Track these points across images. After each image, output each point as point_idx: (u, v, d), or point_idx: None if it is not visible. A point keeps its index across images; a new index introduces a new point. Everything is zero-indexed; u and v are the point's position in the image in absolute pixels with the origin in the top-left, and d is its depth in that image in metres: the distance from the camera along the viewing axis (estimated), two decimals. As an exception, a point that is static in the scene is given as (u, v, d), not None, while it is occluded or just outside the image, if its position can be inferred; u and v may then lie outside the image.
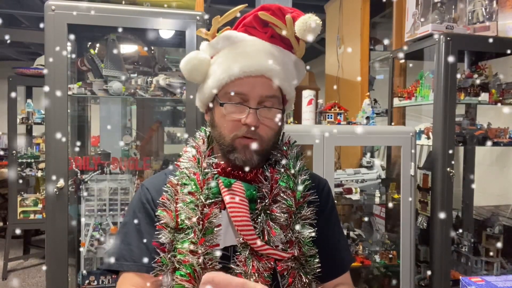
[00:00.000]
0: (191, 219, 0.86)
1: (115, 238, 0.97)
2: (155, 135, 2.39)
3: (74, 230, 1.84)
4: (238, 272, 0.86)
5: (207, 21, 1.72)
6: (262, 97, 0.90)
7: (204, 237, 0.86)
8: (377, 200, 2.19)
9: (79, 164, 1.79)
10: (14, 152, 3.56)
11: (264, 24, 0.95)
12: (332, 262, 0.99)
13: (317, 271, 0.91)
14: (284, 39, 0.96)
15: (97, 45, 1.96)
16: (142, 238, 0.92)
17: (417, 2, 2.28)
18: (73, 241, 1.84)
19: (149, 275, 0.89)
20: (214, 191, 0.91)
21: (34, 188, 3.95)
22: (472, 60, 2.39)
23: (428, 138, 2.15)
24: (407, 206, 1.91)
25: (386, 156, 2.54)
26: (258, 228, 0.89)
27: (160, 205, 0.91)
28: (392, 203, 2.13)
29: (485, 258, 2.18)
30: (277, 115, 0.93)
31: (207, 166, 0.93)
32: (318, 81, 3.77)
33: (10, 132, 3.57)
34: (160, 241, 0.88)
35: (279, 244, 0.89)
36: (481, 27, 2.20)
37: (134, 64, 2.01)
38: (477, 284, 0.70)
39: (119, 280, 0.92)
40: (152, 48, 2.10)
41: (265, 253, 0.86)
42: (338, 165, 2.69)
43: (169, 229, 0.88)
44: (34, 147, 3.78)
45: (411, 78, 2.45)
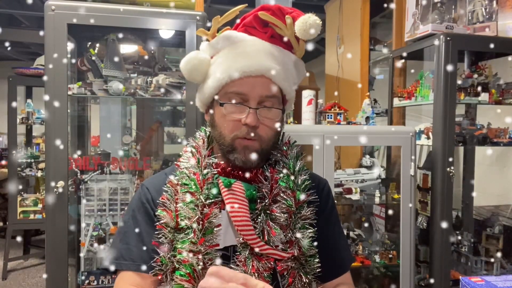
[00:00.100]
0: (191, 219, 0.86)
1: (114, 237, 0.97)
2: (155, 135, 2.39)
3: (74, 230, 1.84)
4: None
5: (207, 21, 1.72)
6: (262, 97, 0.90)
7: (204, 237, 0.86)
8: (377, 200, 2.19)
9: (79, 164, 1.79)
10: (14, 152, 3.55)
11: (264, 24, 0.95)
12: (332, 262, 0.99)
13: (317, 271, 0.92)
14: (284, 39, 0.96)
15: (97, 45, 1.96)
16: (141, 238, 0.92)
17: (417, 2, 2.28)
18: (73, 241, 1.84)
19: (148, 275, 0.89)
20: (214, 191, 0.91)
21: (34, 188, 3.95)
22: (472, 60, 2.39)
23: (428, 138, 2.15)
24: (407, 206, 1.91)
25: (386, 156, 2.54)
26: (258, 228, 0.89)
27: (160, 205, 0.91)
28: (392, 203, 2.13)
29: (485, 258, 2.18)
30: (277, 115, 0.93)
31: (207, 166, 0.93)
32: (318, 81, 3.77)
33: (10, 132, 3.57)
34: (160, 241, 0.88)
35: (279, 244, 0.89)
36: (481, 27, 2.20)
37: (134, 64, 2.01)
38: (477, 284, 0.70)
39: (117, 279, 0.92)
40: (152, 48, 2.09)
41: (265, 253, 0.87)
42: (338, 165, 2.69)
43: (169, 229, 0.88)
44: (34, 147, 3.78)
45: (411, 78, 2.45)
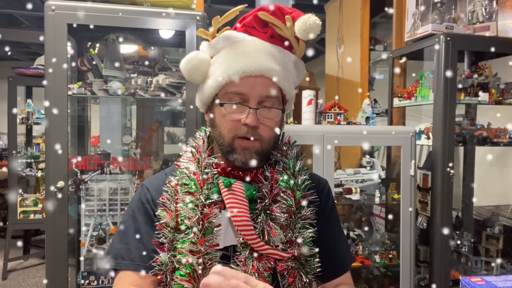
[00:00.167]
0: (191, 219, 0.86)
1: (114, 237, 0.97)
2: (155, 135, 2.39)
3: (74, 230, 1.84)
4: (238, 272, 0.86)
5: (207, 21, 1.72)
6: (262, 97, 0.90)
7: (204, 237, 0.86)
8: (377, 200, 2.19)
9: (79, 164, 1.79)
10: (14, 152, 3.55)
11: (264, 24, 0.95)
12: (333, 262, 0.99)
13: (317, 271, 0.92)
14: (284, 39, 0.96)
15: (97, 45, 1.96)
16: (141, 238, 0.92)
17: (417, 2, 2.28)
18: (73, 241, 1.84)
19: (147, 275, 0.89)
20: (214, 191, 0.91)
21: (34, 188, 3.95)
22: (472, 60, 2.39)
23: (428, 138, 2.15)
24: (407, 206, 1.91)
25: (386, 156, 2.54)
26: (258, 228, 0.89)
27: (160, 205, 0.91)
28: (392, 203, 2.12)
29: (485, 258, 2.18)
30: (277, 115, 0.93)
31: (207, 166, 0.93)
32: (318, 81, 3.77)
33: (10, 132, 3.57)
34: (160, 241, 0.88)
35: (279, 244, 0.89)
36: (481, 27, 2.20)
37: (134, 64, 2.01)
38: (477, 284, 0.70)
39: (117, 279, 0.92)
40: (152, 48, 2.09)
41: (265, 253, 0.87)
42: (338, 165, 2.68)
43: (169, 229, 0.88)
44: (34, 147, 3.78)
45: (411, 78, 2.45)
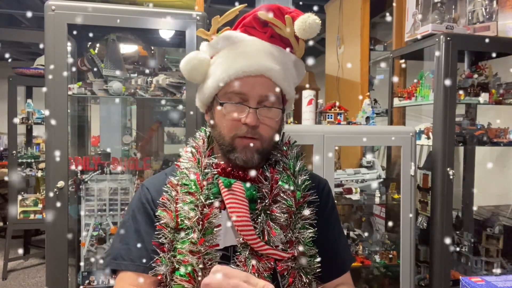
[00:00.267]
0: (191, 219, 0.86)
1: (114, 238, 0.97)
2: (155, 135, 2.39)
3: (74, 230, 1.84)
4: (238, 272, 0.86)
5: (207, 21, 1.72)
6: (262, 97, 0.90)
7: (204, 237, 0.86)
8: (377, 200, 2.19)
9: (79, 164, 1.79)
10: (14, 152, 3.55)
11: (264, 24, 0.95)
12: (333, 262, 0.99)
13: (317, 271, 0.92)
14: (284, 39, 0.96)
15: (97, 45, 1.96)
16: (141, 238, 0.92)
17: (417, 2, 2.28)
18: (73, 241, 1.84)
19: (147, 275, 0.89)
20: (214, 191, 0.91)
21: (34, 188, 3.95)
22: (472, 60, 2.39)
23: (428, 138, 2.15)
24: (407, 206, 1.91)
25: (386, 156, 2.54)
26: (258, 228, 0.89)
27: (160, 205, 0.91)
28: (392, 203, 2.12)
29: (485, 258, 2.18)
30: (277, 115, 0.93)
31: (207, 166, 0.93)
32: (318, 81, 3.77)
33: (10, 132, 3.57)
34: (160, 241, 0.88)
35: (279, 244, 0.89)
36: (481, 27, 2.19)
37: (134, 64, 2.01)
38: (477, 284, 0.70)
39: (117, 279, 0.92)
40: (152, 48, 2.09)
41: (265, 253, 0.87)
42: (338, 165, 2.68)
43: (169, 229, 0.88)
44: (34, 147, 3.78)
45: (411, 78, 2.45)
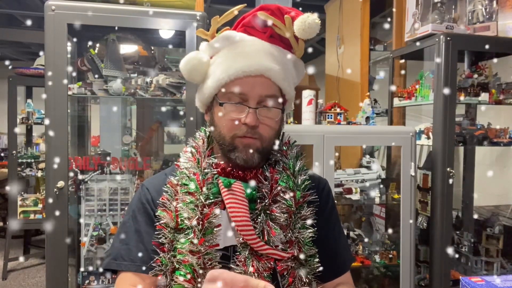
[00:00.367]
0: (191, 219, 0.86)
1: (115, 238, 0.97)
2: (155, 135, 2.39)
3: (74, 230, 1.84)
4: (238, 272, 0.86)
5: (207, 21, 1.72)
6: (262, 97, 0.90)
7: (204, 237, 0.86)
8: (377, 200, 2.19)
9: (79, 164, 1.79)
10: (14, 152, 3.55)
11: (263, 24, 0.95)
12: (333, 262, 0.99)
13: (317, 271, 0.92)
14: (283, 39, 0.96)
15: (97, 45, 1.96)
16: (141, 238, 0.92)
17: (417, 2, 2.28)
18: (73, 241, 1.84)
19: (148, 275, 0.89)
20: (214, 191, 0.91)
21: (34, 188, 3.95)
22: (472, 60, 2.39)
23: (428, 138, 2.15)
24: (407, 206, 1.91)
25: (386, 156, 2.54)
26: (258, 228, 0.89)
27: (160, 205, 0.91)
28: (392, 203, 2.12)
29: (485, 258, 2.18)
30: (277, 115, 0.93)
31: (207, 166, 0.93)
32: (318, 81, 3.77)
33: (10, 132, 3.57)
34: (160, 241, 0.88)
35: (279, 244, 0.89)
36: (481, 27, 2.19)
37: (134, 64, 2.01)
38: (477, 284, 0.70)
39: (118, 280, 0.92)
40: (152, 48, 2.09)
41: (265, 253, 0.86)
42: (338, 165, 2.68)
43: (169, 229, 0.88)
44: (34, 147, 3.78)
45: (411, 78, 2.45)
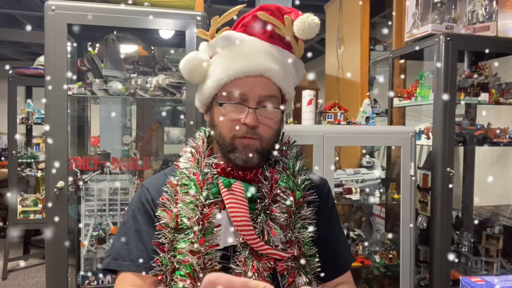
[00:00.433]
0: (191, 219, 0.86)
1: (115, 238, 0.97)
2: (155, 135, 2.39)
3: (74, 230, 1.84)
4: (238, 272, 0.86)
5: (207, 21, 1.72)
6: (261, 97, 0.90)
7: (204, 237, 0.86)
8: (377, 200, 2.18)
9: (79, 164, 1.79)
10: (14, 152, 3.55)
11: (263, 24, 0.95)
12: (333, 262, 0.99)
13: (317, 271, 0.92)
14: (283, 39, 0.96)
15: (97, 45, 1.96)
16: (141, 238, 0.92)
17: (417, 2, 2.28)
18: (73, 241, 1.84)
19: (148, 275, 0.89)
20: (214, 191, 0.91)
21: (34, 188, 3.95)
22: (472, 60, 2.39)
23: (428, 138, 2.15)
24: (407, 206, 1.91)
25: (386, 156, 2.54)
26: (258, 228, 0.89)
27: (160, 206, 0.91)
28: (392, 203, 2.12)
29: (485, 258, 2.18)
30: (277, 115, 0.93)
31: (207, 166, 0.93)
32: (318, 81, 3.77)
33: (10, 132, 3.57)
34: (160, 241, 0.88)
35: (279, 244, 0.89)
36: (481, 27, 2.19)
37: (134, 64, 2.01)
38: (477, 284, 0.70)
39: (118, 280, 0.92)
40: (152, 48, 2.09)
41: (265, 253, 0.87)
42: (338, 165, 2.68)
43: (169, 229, 0.88)
44: (34, 147, 3.78)
45: (411, 78, 2.45)
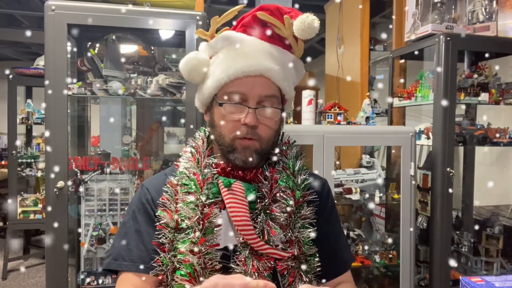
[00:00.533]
0: (191, 219, 0.86)
1: (115, 238, 0.97)
2: (155, 135, 2.39)
3: (74, 230, 1.84)
4: (238, 272, 0.86)
5: (207, 21, 1.72)
6: (261, 97, 0.90)
7: (204, 237, 0.86)
8: (377, 200, 2.18)
9: (79, 164, 1.79)
10: (14, 152, 3.55)
11: (263, 24, 0.95)
12: (334, 261, 0.99)
13: (317, 270, 0.92)
14: (283, 39, 0.96)
15: (97, 45, 1.96)
16: (142, 239, 0.92)
17: (417, 2, 2.28)
18: (73, 241, 1.84)
19: (148, 275, 0.89)
20: (214, 191, 0.91)
21: (34, 188, 3.95)
22: (472, 60, 2.39)
23: (428, 138, 2.15)
24: (407, 206, 1.91)
25: (386, 156, 2.54)
26: (258, 228, 0.89)
27: (160, 206, 0.91)
28: (392, 203, 2.12)
29: (485, 258, 2.18)
30: (277, 115, 0.93)
31: (207, 166, 0.93)
32: (318, 81, 3.77)
33: (10, 132, 3.57)
34: (160, 241, 0.88)
35: (279, 244, 0.89)
36: (481, 27, 2.19)
37: (134, 64, 2.01)
38: (477, 284, 0.70)
39: (118, 280, 0.92)
40: (152, 48, 2.09)
41: (265, 253, 0.87)
42: (338, 165, 2.68)
43: (169, 229, 0.88)
44: (34, 147, 3.78)
45: (411, 78, 2.45)
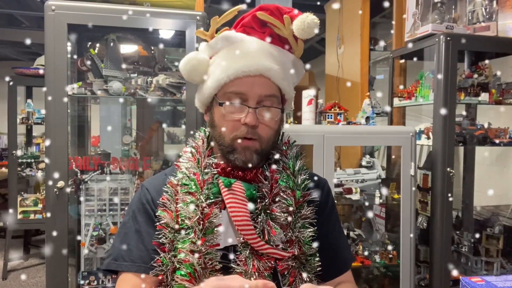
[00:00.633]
0: (192, 219, 0.86)
1: (115, 238, 0.97)
2: (155, 135, 2.39)
3: (74, 230, 1.84)
4: (239, 272, 0.86)
5: (207, 21, 1.72)
6: (261, 97, 0.90)
7: (205, 237, 0.86)
8: (377, 200, 2.18)
9: (79, 164, 1.79)
10: (14, 152, 3.55)
11: (263, 24, 0.95)
12: (334, 261, 0.99)
13: (318, 270, 0.92)
14: (283, 39, 0.96)
15: (97, 45, 1.96)
16: (142, 239, 0.92)
17: (417, 2, 2.28)
18: (73, 241, 1.84)
19: (148, 275, 0.89)
20: (214, 191, 0.91)
21: (34, 188, 3.95)
22: (472, 60, 2.39)
23: (428, 138, 2.15)
24: (407, 206, 1.91)
25: (386, 156, 2.54)
26: (258, 228, 0.89)
27: (160, 206, 0.91)
28: (392, 203, 2.12)
29: (485, 258, 2.18)
30: (277, 115, 0.93)
31: (207, 166, 0.94)
32: (318, 81, 3.78)
33: (10, 132, 3.57)
34: (160, 241, 0.88)
35: (279, 244, 0.90)
36: (481, 27, 2.19)
37: (134, 64, 2.01)
38: (477, 284, 0.70)
39: (118, 281, 0.92)
40: (152, 48, 2.09)
41: (265, 253, 0.87)
42: (338, 165, 2.68)
43: (170, 229, 0.88)
44: (34, 147, 3.78)
45: (411, 78, 2.45)
